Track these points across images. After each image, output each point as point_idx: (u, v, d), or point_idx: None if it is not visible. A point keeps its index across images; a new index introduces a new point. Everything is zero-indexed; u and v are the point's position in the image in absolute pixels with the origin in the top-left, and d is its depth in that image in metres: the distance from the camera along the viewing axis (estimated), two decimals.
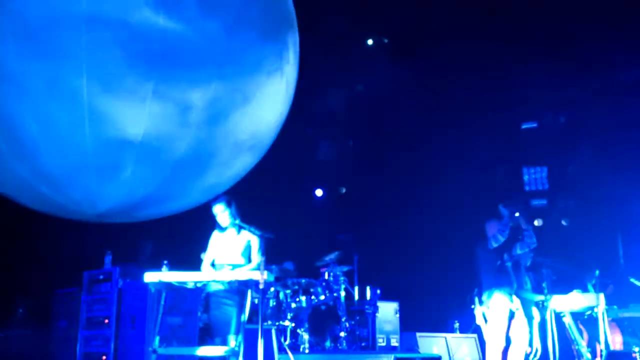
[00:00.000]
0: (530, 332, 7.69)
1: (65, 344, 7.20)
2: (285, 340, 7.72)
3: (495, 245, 7.50)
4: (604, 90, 11.12)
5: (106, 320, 6.70)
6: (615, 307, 8.53)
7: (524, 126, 12.43)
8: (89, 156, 6.57)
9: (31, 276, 8.86)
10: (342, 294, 8.52)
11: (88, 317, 6.97)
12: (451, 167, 11.62)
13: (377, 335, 8.81)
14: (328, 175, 12.58)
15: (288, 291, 8.17)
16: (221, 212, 6.26)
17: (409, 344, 8.97)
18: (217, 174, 7.73)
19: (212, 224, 6.40)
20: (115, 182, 7.00)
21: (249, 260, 6.29)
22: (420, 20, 10.73)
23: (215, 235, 6.39)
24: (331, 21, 10.33)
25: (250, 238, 6.28)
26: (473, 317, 7.88)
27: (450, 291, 8.62)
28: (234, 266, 6.18)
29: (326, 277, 8.59)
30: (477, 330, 8.36)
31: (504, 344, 7.37)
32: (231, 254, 6.26)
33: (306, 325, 7.94)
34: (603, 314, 7.78)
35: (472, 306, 7.88)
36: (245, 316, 5.78)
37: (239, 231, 6.30)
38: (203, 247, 6.52)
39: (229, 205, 6.26)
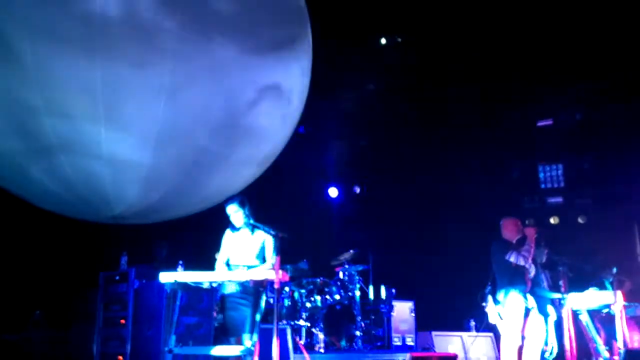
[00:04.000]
0: (546, 330, 7.65)
1: (82, 345, 7.24)
2: (300, 339, 7.72)
3: (512, 261, 7.44)
4: (619, 88, 11.05)
5: (122, 321, 6.72)
6: (635, 304, 8.46)
7: (539, 124, 12.37)
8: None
9: (48, 278, 8.93)
10: (357, 293, 8.52)
11: (105, 318, 7.00)
12: (466, 165, 11.58)
13: (393, 335, 8.80)
14: (343, 174, 12.58)
15: (303, 291, 8.18)
16: (234, 213, 6.25)
17: (424, 343, 8.95)
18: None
19: (226, 225, 6.40)
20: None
21: (264, 261, 6.29)
22: (435, 18, 10.70)
23: (228, 234, 6.38)
24: (344, 20, 10.34)
25: (265, 238, 6.27)
26: (487, 315, 7.85)
27: (466, 290, 8.57)
28: (249, 267, 6.18)
29: (341, 276, 8.59)
30: (493, 328, 8.33)
31: (519, 342, 7.34)
32: (246, 255, 6.26)
33: (321, 325, 7.95)
34: (620, 311, 7.72)
35: (484, 304, 7.85)
36: (260, 316, 5.79)
37: (252, 231, 6.29)
38: (218, 248, 6.53)
39: (242, 205, 6.25)
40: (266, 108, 7.45)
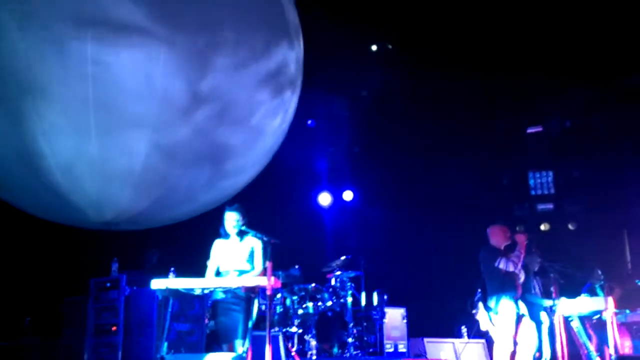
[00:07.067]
0: (540, 337, 7.66)
1: (73, 352, 7.20)
2: (292, 346, 7.71)
3: (502, 267, 7.45)
4: (609, 95, 11.11)
5: (114, 328, 6.69)
6: (627, 311, 8.49)
7: (529, 130, 12.41)
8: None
9: (39, 284, 8.88)
10: (349, 299, 8.52)
11: (95, 325, 6.96)
12: (457, 172, 11.60)
13: (385, 341, 8.79)
14: (335, 181, 12.58)
15: (295, 297, 8.18)
16: (233, 220, 6.21)
17: (416, 350, 8.95)
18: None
19: (217, 231, 6.37)
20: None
21: (254, 265, 6.26)
22: (426, 25, 10.74)
23: (218, 243, 6.34)
24: (335, 27, 10.36)
25: (254, 244, 6.24)
26: (478, 322, 7.86)
27: (458, 296, 8.59)
28: (240, 272, 6.16)
29: (333, 283, 8.60)
30: (484, 335, 8.34)
31: (512, 348, 7.35)
32: (236, 260, 6.23)
33: (313, 332, 7.94)
34: (611, 317, 7.74)
35: (474, 311, 7.85)
36: (252, 322, 5.77)
37: (241, 238, 6.26)
38: (209, 255, 6.50)
39: (243, 216, 6.22)
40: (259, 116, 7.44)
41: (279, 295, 8.07)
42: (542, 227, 12.09)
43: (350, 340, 8.26)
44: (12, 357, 8.00)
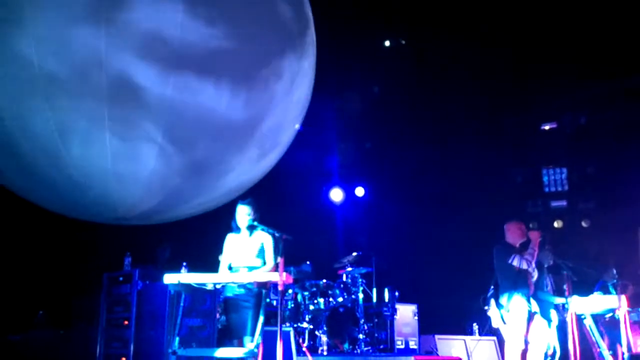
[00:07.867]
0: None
1: (85, 346, 7.24)
2: (303, 342, 7.72)
3: (516, 265, 7.40)
4: (624, 91, 11.04)
5: (126, 322, 6.72)
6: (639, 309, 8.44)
7: (543, 127, 12.36)
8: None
9: (52, 278, 8.93)
10: (360, 296, 8.53)
11: (108, 319, 7.00)
12: (470, 168, 11.57)
13: (396, 338, 8.78)
14: (346, 177, 12.58)
15: (306, 293, 8.19)
16: (245, 214, 6.22)
17: (427, 347, 8.94)
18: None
19: (229, 226, 6.38)
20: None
21: (265, 261, 6.26)
22: (439, 22, 10.71)
23: (230, 238, 6.36)
24: (349, 23, 10.35)
25: (264, 239, 6.25)
26: (490, 319, 7.83)
27: (469, 293, 8.56)
28: (250, 268, 6.16)
29: (344, 279, 8.60)
30: (495, 332, 8.31)
31: (523, 346, 7.31)
32: (246, 256, 6.24)
33: (324, 328, 7.94)
34: (625, 316, 7.69)
35: (486, 307, 7.82)
36: (263, 318, 5.78)
37: (251, 233, 6.26)
38: (221, 250, 6.52)
39: (255, 210, 6.23)
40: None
41: (290, 291, 8.08)
42: (556, 224, 12.05)
43: (361, 336, 8.25)
44: (25, 350, 8.06)
